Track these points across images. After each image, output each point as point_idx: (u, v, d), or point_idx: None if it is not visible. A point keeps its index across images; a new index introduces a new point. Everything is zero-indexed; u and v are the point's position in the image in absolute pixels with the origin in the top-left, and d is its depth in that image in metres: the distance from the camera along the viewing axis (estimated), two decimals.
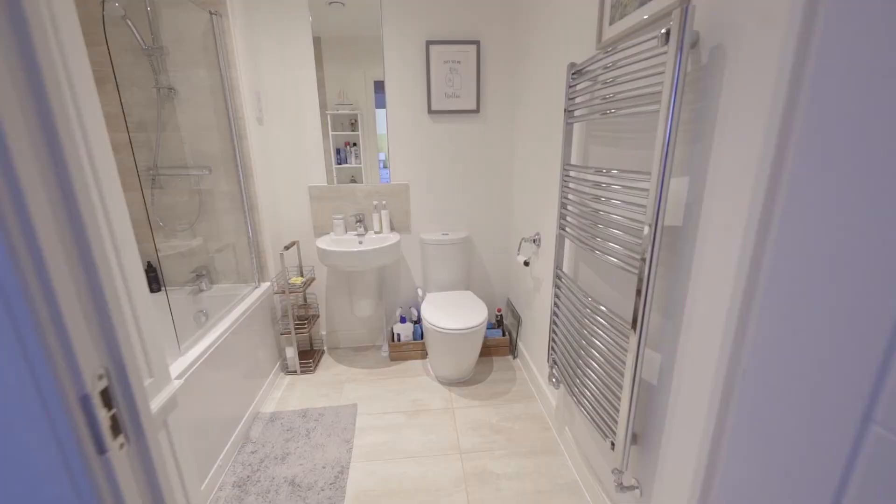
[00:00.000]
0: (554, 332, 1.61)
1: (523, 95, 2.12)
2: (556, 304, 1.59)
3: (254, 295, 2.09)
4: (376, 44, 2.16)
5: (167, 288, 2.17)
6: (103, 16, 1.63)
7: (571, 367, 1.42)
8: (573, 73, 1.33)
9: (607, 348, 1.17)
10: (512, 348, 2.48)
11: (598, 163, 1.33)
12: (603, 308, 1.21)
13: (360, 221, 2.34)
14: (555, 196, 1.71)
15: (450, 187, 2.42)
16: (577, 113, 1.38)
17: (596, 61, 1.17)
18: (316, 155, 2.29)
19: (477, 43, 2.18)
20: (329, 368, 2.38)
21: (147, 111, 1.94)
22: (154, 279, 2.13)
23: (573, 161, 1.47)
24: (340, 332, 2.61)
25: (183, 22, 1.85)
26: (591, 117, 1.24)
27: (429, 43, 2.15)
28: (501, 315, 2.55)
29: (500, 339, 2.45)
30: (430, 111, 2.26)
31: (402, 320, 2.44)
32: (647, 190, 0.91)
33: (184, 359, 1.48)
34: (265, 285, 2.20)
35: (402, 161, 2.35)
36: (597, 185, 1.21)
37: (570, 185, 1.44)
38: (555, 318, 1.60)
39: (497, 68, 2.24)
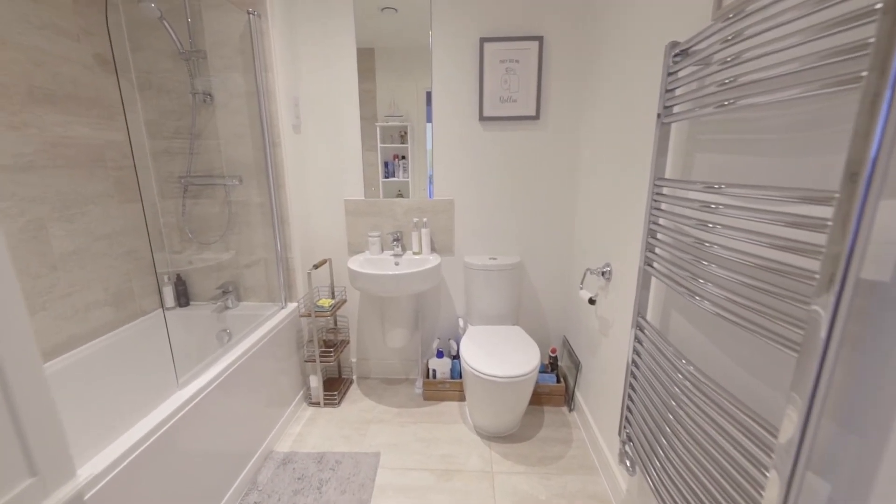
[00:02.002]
0: (630, 398, 1.22)
1: (594, 95, 1.77)
2: (634, 362, 1.20)
3: (279, 316, 1.90)
4: (428, 52, 1.94)
5: (193, 303, 2.06)
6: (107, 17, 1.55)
7: (654, 451, 1.02)
8: (675, 56, 0.98)
9: (716, 444, 0.78)
10: (568, 399, 2.07)
11: (708, 176, 0.96)
12: (710, 386, 0.82)
13: (397, 240, 2.09)
14: (637, 219, 1.33)
15: (500, 204, 2.10)
16: (676, 109, 1.02)
17: (712, 33, 0.81)
18: (354, 166, 2.09)
19: (539, 39, 1.88)
20: (355, 402, 2.12)
21: (183, 118, 1.85)
22: (183, 293, 2.02)
23: (668, 174, 1.10)
24: (372, 360, 2.35)
25: (221, 23, 1.74)
26: (698, 113, 0.87)
27: (483, 41, 1.89)
28: (556, 357, 2.16)
29: (553, 385, 2.06)
30: (481, 118, 1.98)
31: (439, 355, 2.13)
32: (814, 218, 0.54)
33: (191, 386, 1.29)
34: (292, 306, 2.01)
35: (447, 174, 2.08)
36: (705, 206, 0.84)
37: (663, 205, 1.07)
38: (632, 379, 1.20)
39: (562, 66, 1.92)
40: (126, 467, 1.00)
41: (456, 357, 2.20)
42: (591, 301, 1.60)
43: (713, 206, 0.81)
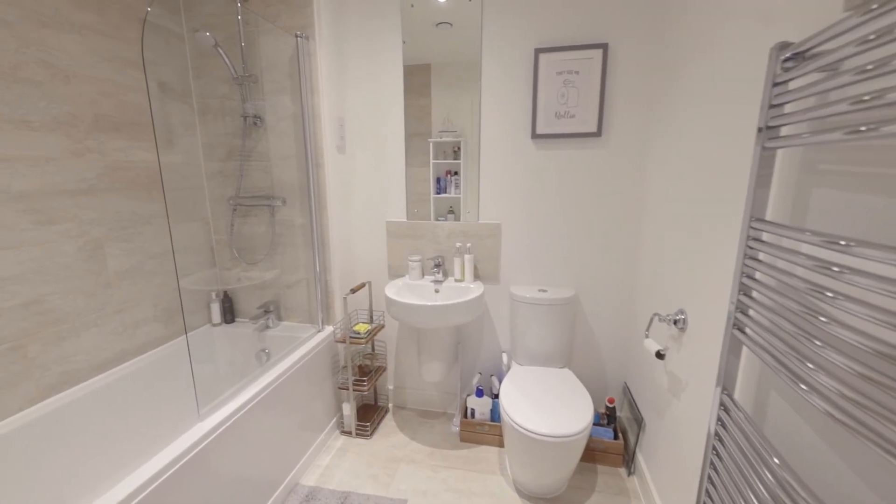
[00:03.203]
0: (711, 481, 0.95)
1: (669, 109, 1.51)
2: (715, 451, 0.93)
3: (315, 339, 1.85)
4: (479, 66, 1.81)
5: (238, 320, 2.09)
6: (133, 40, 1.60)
7: None
8: (785, 61, 0.73)
9: None
10: (627, 460, 1.77)
11: (830, 223, 0.70)
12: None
13: (438, 266, 1.96)
14: (723, 266, 1.06)
15: (553, 231, 1.88)
16: (786, 131, 0.77)
17: (844, 31, 0.58)
18: (397, 187, 2.01)
19: (604, 46, 1.66)
20: (388, 435, 2.01)
21: (235, 140, 1.89)
22: (229, 310, 2.06)
23: (771, 214, 0.84)
24: (409, 389, 2.23)
25: (271, 48, 1.76)
26: (820, 139, 0.63)
27: (538, 51, 1.71)
28: (614, 407, 1.87)
29: (610, 442, 1.77)
30: (534, 135, 1.79)
31: (479, 393, 1.95)
32: None
33: (215, 416, 1.25)
34: (329, 329, 1.96)
35: (495, 196, 1.91)
36: (823, 266, 0.60)
37: (761, 255, 0.82)
38: (714, 457, 0.94)
39: (629, 76, 1.68)
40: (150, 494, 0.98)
41: (496, 397, 2.00)
42: (660, 355, 1.33)
43: (835, 268, 0.57)
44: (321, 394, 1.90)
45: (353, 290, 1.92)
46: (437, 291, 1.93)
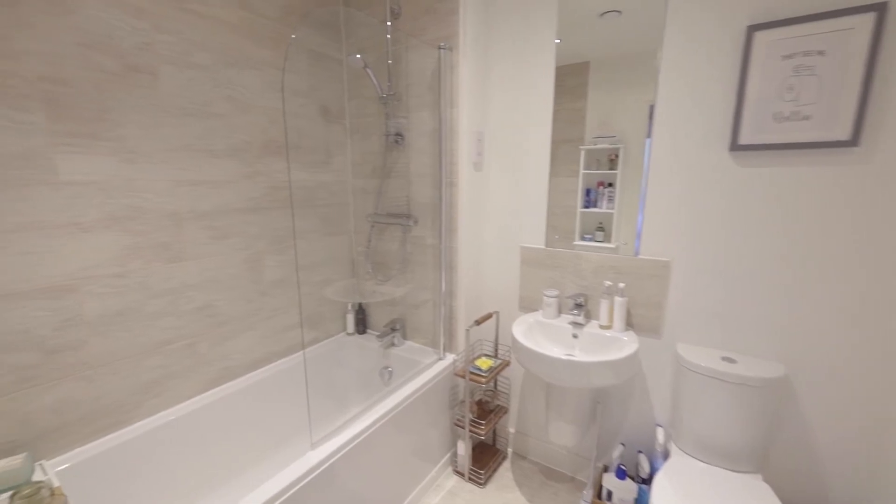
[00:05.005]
0: None
1: None
2: None
3: (435, 368, 1.75)
4: (655, 57, 1.41)
5: (369, 331, 2.15)
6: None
7: None
8: None
9: None
10: None
11: None
12: None
13: (580, 306, 1.62)
14: None
15: (758, 278, 1.34)
16: None
17: None
18: (537, 210, 1.74)
19: (880, 7, 1.07)
20: (504, 489, 1.77)
21: (378, 158, 1.92)
22: (361, 321, 2.14)
23: None
24: (532, 439, 1.94)
25: (416, 64, 1.71)
26: None
27: (752, 29, 1.22)
28: None
29: None
30: (734, 146, 1.30)
31: (620, 474, 1.54)
32: None
33: (325, 447, 1.24)
34: (450, 358, 1.83)
35: (665, 224, 1.47)
36: None
37: None
38: None
39: None
40: None
41: (644, 482, 1.55)
42: None
43: None
44: (437, 426, 1.78)
45: (478, 322, 1.74)
46: (575, 337, 1.60)
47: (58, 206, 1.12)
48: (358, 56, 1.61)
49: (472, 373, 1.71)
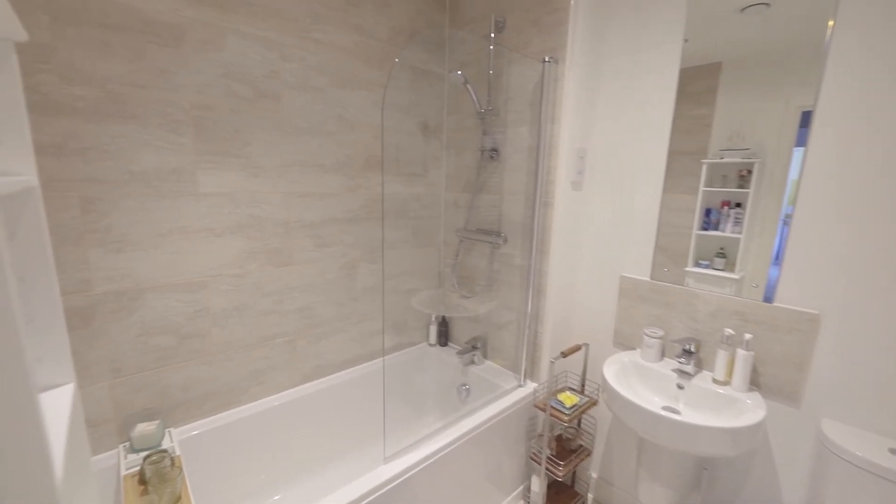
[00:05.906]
0: None
1: None
2: None
3: (515, 395, 1.67)
4: (818, 50, 1.15)
5: (450, 344, 2.14)
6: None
7: None
8: None
9: None
10: None
11: None
12: None
13: (689, 352, 1.39)
14: None
15: None
16: None
17: None
18: (644, 237, 1.54)
19: None
20: None
21: (471, 173, 1.90)
22: (443, 333, 2.14)
23: None
24: (617, 489, 1.74)
25: (517, 78, 1.64)
26: None
27: None
28: None
29: None
30: None
31: None
32: None
33: (398, 463, 1.26)
34: (531, 386, 1.73)
35: (814, 265, 1.18)
36: None
37: None
38: None
39: None
40: None
41: None
42: None
43: None
44: (512, 455, 1.70)
45: (564, 354, 1.60)
46: (680, 388, 1.38)
47: (198, 215, 1.31)
48: (459, 73, 1.61)
49: (553, 408, 1.59)
